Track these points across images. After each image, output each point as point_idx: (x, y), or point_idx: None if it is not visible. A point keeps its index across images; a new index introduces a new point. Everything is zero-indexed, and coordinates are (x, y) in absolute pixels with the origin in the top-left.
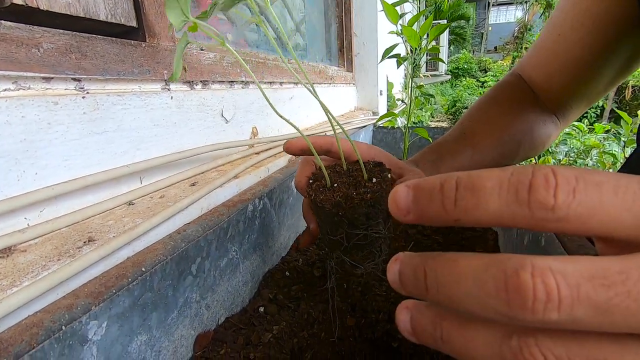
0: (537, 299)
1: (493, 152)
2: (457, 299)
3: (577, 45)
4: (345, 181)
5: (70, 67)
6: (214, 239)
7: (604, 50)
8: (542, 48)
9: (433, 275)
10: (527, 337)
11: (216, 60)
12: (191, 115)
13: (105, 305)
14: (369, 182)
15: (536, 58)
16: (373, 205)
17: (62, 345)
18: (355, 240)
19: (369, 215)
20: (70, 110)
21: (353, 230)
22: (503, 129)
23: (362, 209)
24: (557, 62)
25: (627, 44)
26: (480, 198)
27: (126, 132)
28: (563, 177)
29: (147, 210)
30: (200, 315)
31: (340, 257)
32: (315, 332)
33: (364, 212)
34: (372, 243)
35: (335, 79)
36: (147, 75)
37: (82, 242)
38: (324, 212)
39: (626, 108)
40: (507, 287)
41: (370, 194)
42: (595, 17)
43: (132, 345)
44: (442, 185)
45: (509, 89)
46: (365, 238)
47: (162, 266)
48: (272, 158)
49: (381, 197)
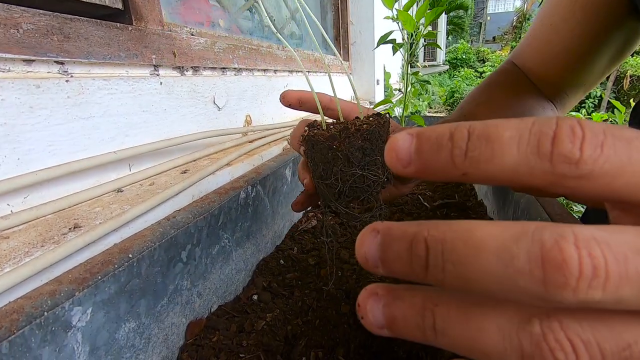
0: (582, 275)
1: None
2: (473, 279)
3: (569, 35)
4: (342, 126)
5: (52, 49)
6: (205, 225)
7: (596, 38)
8: (536, 38)
9: (439, 249)
10: (551, 321)
11: (207, 46)
12: (182, 101)
13: (90, 291)
14: (366, 119)
15: (530, 47)
16: (369, 138)
17: (44, 331)
18: (351, 183)
19: (365, 150)
20: (53, 94)
21: (348, 169)
22: (504, 111)
23: (358, 141)
24: (551, 52)
25: (619, 32)
26: (496, 149)
27: (113, 117)
28: (591, 130)
29: (136, 198)
30: (192, 303)
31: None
32: (310, 319)
33: (359, 145)
34: (369, 188)
35: (332, 67)
36: (134, 60)
37: (68, 229)
38: (318, 147)
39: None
40: (544, 261)
41: (367, 125)
42: (585, 7)
43: (120, 332)
44: (452, 134)
45: (507, 75)
46: (362, 180)
47: (150, 252)
48: (266, 146)
49: (378, 133)
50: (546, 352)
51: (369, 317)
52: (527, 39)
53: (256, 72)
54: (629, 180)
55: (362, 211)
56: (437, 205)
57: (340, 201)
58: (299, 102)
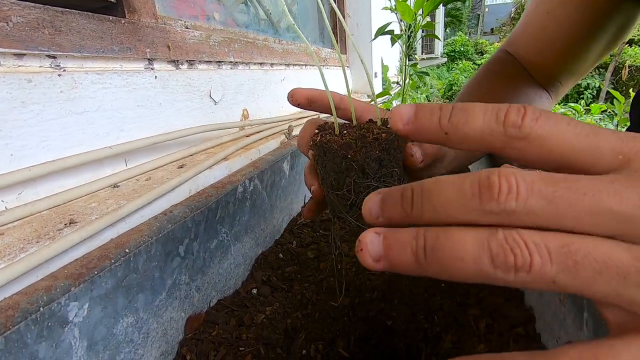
0: (501, 191)
1: None
2: (441, 207)
3: (565, 22)
4: (356, 131)
5: (44, 43)
6: (202, 220)
7: (592, 25)
8: (531, 25)
9: (418, 191)
10: (511, 230)
11: (202, 40)
12: (177, 95)
13: (86, 286)
14: (383, 126)
15: (525, 35)
16: (388, 149)
17: (40, 326)
18: (364, 195)
19: (382, 161)
20: (45, 88)
21: (363, 181)
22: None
23: (376, 151)
24: (547, 39)
25: (616, 17)
26: (469, 116)
27: (108, 112)
28: (530, 109)
29: (133, 193)
30: (191, 298)
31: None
32: (309, 312)
33: (377, 155)
34: None
35: (328, 61)
36: (128, 53)
37: (63, 225)
38: (330, 155)
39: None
40: (480, 186)
41: (386, 134)
42: None
43: (118, 327)
44: (440, 107)
45: (502, 65)
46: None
47: (147, 247)
48: (263, 140)
49: (397, 142)
50: (507, 250)
51: (367, 249)
52: (521, 27)
53: (252, 65)
54: (556, 142)
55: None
56: None
57: (351, 213)
58: (309, 101)
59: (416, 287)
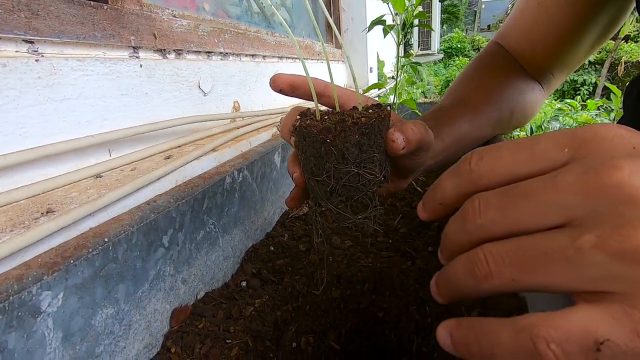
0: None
1: (490, 117)
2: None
3: (557, 14)
4: (338, 117)
5: (20, 27)
6: (188, 210)
7: (583, 17)
8: (522, 18)
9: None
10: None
11: (190, 29)
12: (164, 85)
13: (60, 275)
14: (364, 111)
15: (517, 28)
16: (367, 133)
17: (8, 316)
18: (344, 181)
19: (362, 146)
20: (21, 73)
21: (342, 166)
22: (497, 94)
23: (355, 135)
24: (539, 32)
25: (606, 9)
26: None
27: (90, 100)
28: (475, 153)
29: (116, 183)
30: (176, 289)
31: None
32: (300, 305)
33: (356, 140)
34: (364, 187)
35: (323, 55)
36: (111, 41)
37: (40, 214)
38: (309, 140)
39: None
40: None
41: (366, 118)
42: None
43: (97, 318)
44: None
45: (494, 57)
46: (356, 179)
47: (127, 236)
48: (254, 132)
49: (378, 127)
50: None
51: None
52: (513, 19)
53: (244, 57)
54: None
55: (355, 212)
56: None
57: (332, 200)
58: (291, 87)
59: (407, 279)
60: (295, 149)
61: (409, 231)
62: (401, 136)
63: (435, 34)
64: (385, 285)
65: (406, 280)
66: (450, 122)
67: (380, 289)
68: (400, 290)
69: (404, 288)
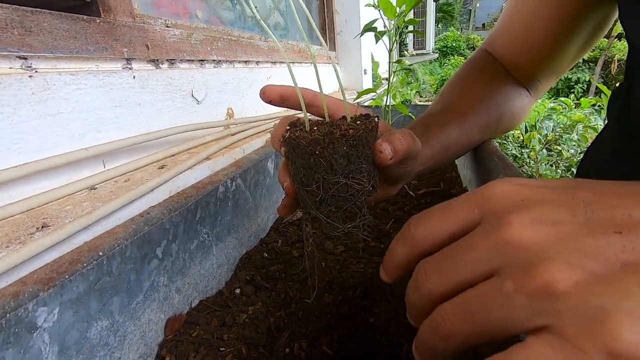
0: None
1: (479, 123)
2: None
3: (544, 23)
4: (327, 127)
5: (14, 44)
6: (181, 221)
7: (570, 26)
8: (509, 27)
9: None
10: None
11: (183, 38)
12: (158, 95)
13: (56, 290)
14: (352, 122)
15: (504, 36)
16: (355, 145)
17: (5, 333)
18: (333, 192)
19: (350, 157)
20: (16, 90)
21: (331, 177)
22: (485, 100)
23: (343, 147)
24: (526, 41)
25: (595, 13)
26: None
27: (83, 113)
28: (412, 219)
29: (110, 195)
30: (170, 299)
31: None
32: (293, 311)
33: (344, 152)
34: (352, 197)
35: (317, 58)
36: (104, 53)
37: (35, 229)
38: (299, 151)
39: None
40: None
41: (353, 130)
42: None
43: (92, 330)
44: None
45: (482, 64)
46: (345, 189)
47: (122, 249)
48: (248, 139)
49: (365, 139)
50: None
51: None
52: (500, 28)
53: (237, 63)
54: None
55: (345, 221)
56: (421, 193)
57: (321, 210)
58: (281, 98)
59: (397, 284)
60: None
61: None
62: (389, 147)
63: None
64: (376, 290)
65: (396, 286)
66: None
67: (371, 295)
68: (391, 295)
69: (394, 293)
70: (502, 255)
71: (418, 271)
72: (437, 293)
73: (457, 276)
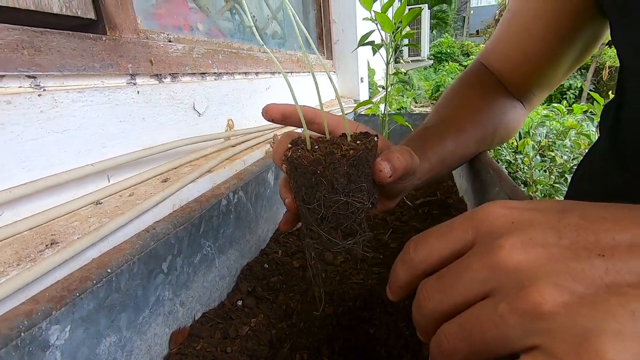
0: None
1: (474, 136)
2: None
3: (538, 38)
4: (327, 146)
5: (24, 64)
6: (186, 235)
7: (563, 40)
8: (503, 41)
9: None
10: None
11: (185, 52)
12: (161, 109)
13: (68, 309)
14: (353, 142)
15: (499, 50)
16: (356, 165)
17: (20, 352)
18: (334, 209)
19: (350, 176)
20: (25, 109)
21: (332, 196)
22: (481, 113)
23: (344, 167)
24: (520, 55)
25: (587, 29)
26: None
27: (89, 129)
28: (411, 241)
29: (115, 210)
30: (175, 313)
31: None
32: (294, 322)
33: (345, 171)
34: (353, 215)
35: (315, 67)
36: (109, 70)
37: (44, 246)
38: (301, 170)
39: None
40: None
41: (354, 151)
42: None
43: (101, 347)
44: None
45: (478, 76)
46: (345, 207)
47: (129, 266)
48: (248, 150)
49: (365, 158)
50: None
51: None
52: (495, 41)
53: (237, 75)
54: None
55: (345, 237)
56: (419, 203)
57: (322, 226)
58: (283, 116)
59: None
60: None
61: (399, 246)
62: (388, 165)
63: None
64: (376, 301)
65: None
66: (436, 142)
67: (371, 306)
68: (391, 307)
69: (394, 305)
70: (495, 277)
71: (420, 291)
72: (439, 312)
73: (455, 296)
